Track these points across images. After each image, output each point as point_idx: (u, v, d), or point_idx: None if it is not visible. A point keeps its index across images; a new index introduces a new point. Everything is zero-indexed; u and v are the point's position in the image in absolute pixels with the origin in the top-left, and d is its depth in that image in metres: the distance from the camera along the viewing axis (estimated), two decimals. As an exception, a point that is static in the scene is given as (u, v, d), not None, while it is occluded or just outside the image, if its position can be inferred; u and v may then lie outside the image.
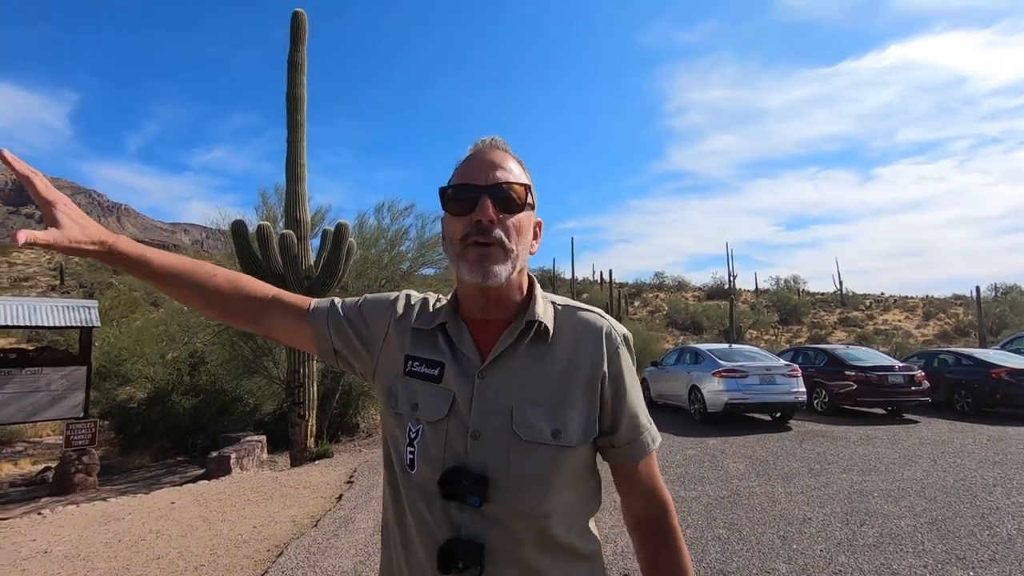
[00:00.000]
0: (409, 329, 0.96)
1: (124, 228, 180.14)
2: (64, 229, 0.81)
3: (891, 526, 4.38)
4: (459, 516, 0.82)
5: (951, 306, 43.29)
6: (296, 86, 8.96)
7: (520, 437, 0.83)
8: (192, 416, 11.36)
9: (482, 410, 0.85)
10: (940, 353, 12.12)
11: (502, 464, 0.83)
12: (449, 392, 0.87)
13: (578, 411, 0.87)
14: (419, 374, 0.90)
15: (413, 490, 0.87)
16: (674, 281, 52.78)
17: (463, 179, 0.88)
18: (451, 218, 0.88)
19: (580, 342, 0.91)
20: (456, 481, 0.81)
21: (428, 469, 0.85)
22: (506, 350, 0.88)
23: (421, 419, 0.87)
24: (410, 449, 0.87)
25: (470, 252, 0.85)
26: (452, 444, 0.84)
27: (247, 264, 8.34)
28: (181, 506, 5.70)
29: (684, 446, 7.78)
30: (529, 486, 0.82)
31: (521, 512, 0.82)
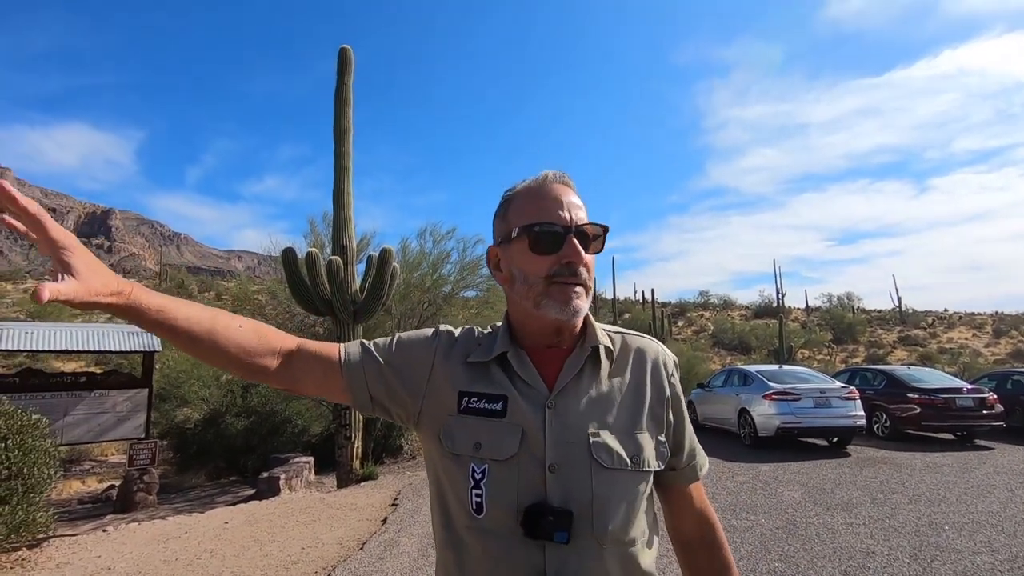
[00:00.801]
0: (461, 364, 0.92)
1: (183, 255, 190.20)
2: (82, 279, 0.69)
3: (965, 563, 4.07)
4: (544, 556, 0.79)
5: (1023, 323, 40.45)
6: (342, 119, 9.34)
7: (601, 464, 0.82)
8: (244, 437, 11.75)
9: (557, 441, 0.83)
10: (1014, 374, 11.31)
11: (585, 494, 0.81)
12: (517, 427, 0.84)
13: (649, 435, 0.88)
14: (479, 410, 0.87)
15: (482, 535, 0.82)
16: (719, 299, 51.44)
17: (546, 217, 0.87)
18: (533, 256, 0.87)
19: (640, 367, 0.93)
20: (541, 517, 0.78)
21: (501, 510, 0.81)
22: (573, 378, 0.88)
23: (486, 458, 0.83)
24: (476, 492, 0.83)
25: (557, 291, 0.86)
26: (527, 481, 0.81)
27: (296, 290, 8.65)
28: (234, 526, 5.87)
29: (735, 472, 7.49)
30: (615, 513, 0.81)
31: (612, 541, 0.81)
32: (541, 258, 0.87)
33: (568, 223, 0.86)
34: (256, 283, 21.44)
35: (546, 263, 0.86)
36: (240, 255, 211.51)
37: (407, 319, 11.86)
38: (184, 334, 0.82)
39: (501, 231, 0.92)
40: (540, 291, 0.87)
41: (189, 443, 12.00)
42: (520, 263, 0.89)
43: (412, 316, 11.76)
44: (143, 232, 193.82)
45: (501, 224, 0.93)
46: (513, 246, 0.89)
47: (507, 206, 0.92)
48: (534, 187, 0.90)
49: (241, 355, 0.87)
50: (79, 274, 0.69)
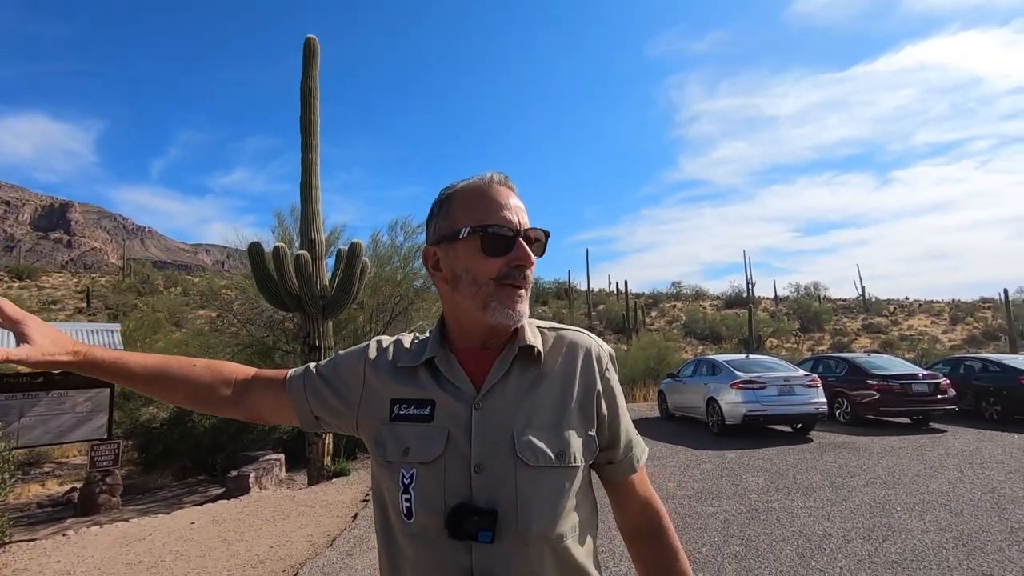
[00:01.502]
0: (390, 370, 0.94)
1: (148, 250, 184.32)
2: (36, 345, 0.85)
3: (915, 542, 4.27)
4: (470, 557, 0.79)
5: (979, 310, 42.18)
6: (309, 111, 9.16)
7: (525, 463, 0.82)
8: (212, 435, 11.52)
9: (483, 441, 0.83)
10: (966, 359, 11.82)
11: (510, 493, 0.81)
12: (443, 429, 0.85)
13: (577, 430, 0.88)
14: (408, 416, 0.88)
15: (412, 539, 0.83)
16: (691, 290, 52.31)
17: (496, 220, 0.87)
18: (484, 257, 0.87)
19: (570, 363, 0.92)
20: (465, 518, 0.78)
21: (428, 513, 0.82)
22: (501, 378, 0.88)
23: (413, 462, 0.84)
24: (405, 496, 0.83)
25: (506, 293, 0.86)
26: (452, 482, 0.82)
27: (264, 285, 8.50)
28: (200, 526, 5.77)
29: (701, 460, 7.67)
30: (540, 511, 0.81)
31: (537, 538, 0.81)
32: (492, 260, 0.87)
33: (517, 226, 0.87)
34: (224, 278, 20.99)
35: (496, 265, 0.87)
36: (208, 249, 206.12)
37: (378, 313, 11.77)
38: (141, 378, 0.95)
39: (442, 229, 0.91)
40: (489, 293, 0.87)
41: (155, 443, 11.72)
42: (468, 263, 0.88)
43: (383, 311, 11.67)
44: (105, 226, 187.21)
45: (442, 222, 0.91)
46: (460, 246, 0.88)
47: (448, 205, 0.91)
48: (480, 188, 0.90)
49: (197, 390, 0.97)
50: (34, 342, 0.85)
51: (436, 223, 0.93)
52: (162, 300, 36.42)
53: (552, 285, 45.74)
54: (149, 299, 37.32)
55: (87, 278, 52.85)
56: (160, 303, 34.57)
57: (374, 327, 11.86)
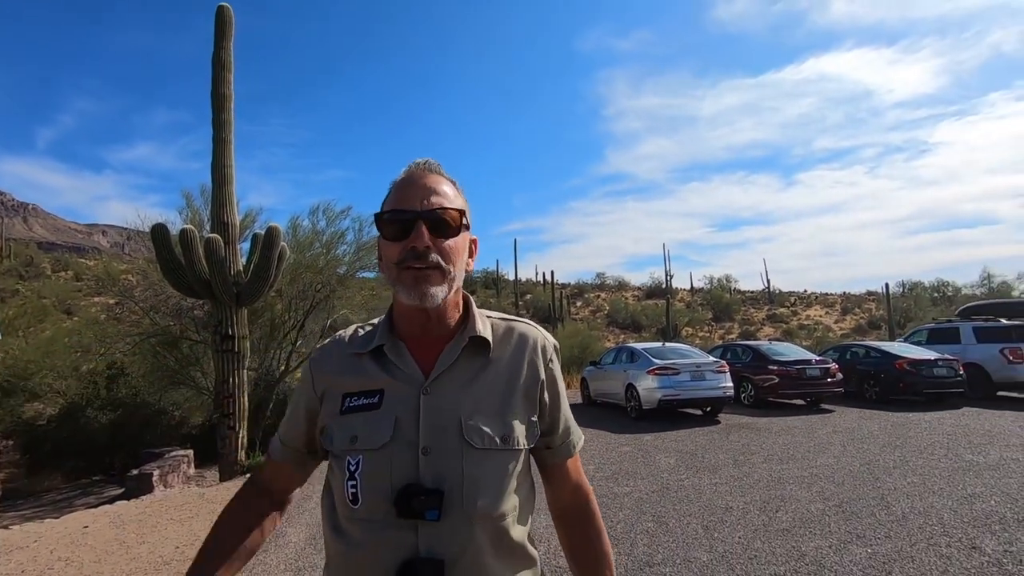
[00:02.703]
0: (339, 365, 0.96)
1: (32, 229, 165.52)
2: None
3: (803, 510, 4.71)
4: (416, 535, 0.82)
5: (865, 302, 46.73)
6: (222, 84, 8.57)
7: (472, 445, 0.86)
8: (110, 432, 10.61)
9: (431, 425, 0.86)
10: (852, 346, 13.09)
11: (456, 474, 0.84)
12: (391, 415, 0.87)
13: (521, 416, 0.93)
14: (357, 407, 0.90)
15: (358, 524, 0.86)
16: (614, 281, 54.17)
17: (398, 204, 0.89)
18: (387, 242, 0.90)
19: (517, 353, 0.97)
20: (412, 498, 0.81)
21: (375, 496, 0.84)
22: (450, 365, 0.91)
23: (360, 449, 0.86)
24: (351, 483, 0.85)
25: (407, 276, 0.88)
26: (399, 465, 0.84)
27: (169, 270, 7.91)
28: (95, 530, 5.34)
29: (619, 443, 8.03)
30: (485, 491, 0.85)
31: (481, 516, 0.84)
32: (393, 244, 0.89)
33: (418, 208, 0.88)
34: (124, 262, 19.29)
35: (396, 249, 0.89)
36: (105, 230, 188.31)
37: (298, 302, 11.30)
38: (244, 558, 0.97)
39: None
40: (395, 277, 0.90)
41: (41, 441, 10.63)
42: (383, 250, 0.92)
43: (304, 299, 11.22)
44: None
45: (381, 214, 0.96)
46: (380, 236, 0.93)
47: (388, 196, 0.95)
48: (399, 179, 0.94)
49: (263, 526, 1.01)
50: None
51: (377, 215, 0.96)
52: (50, 285, 32.94)
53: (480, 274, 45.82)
54: (34, 284, 33.62)
55: (-44, 260, 46.70)
56: (47, 289, 31.24)
57: (293, 315, 11.37)
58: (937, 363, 10.82)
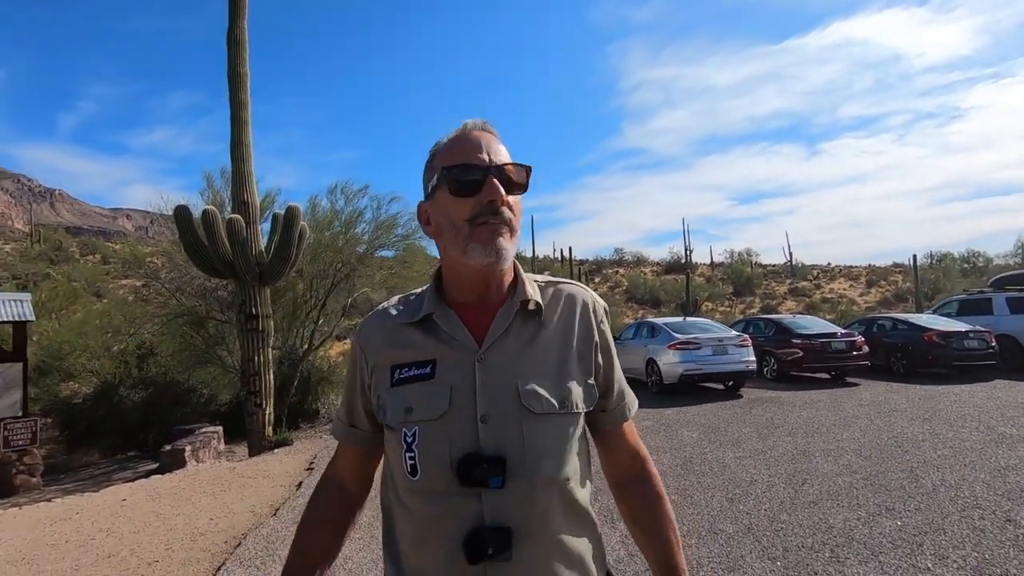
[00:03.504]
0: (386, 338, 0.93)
1: (59, 214, 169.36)
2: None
3: (829, 484, 4.66)
4: (480, 504, 0.81)
5: (891, 274, 45.66)
6: (238, 63, 8.55)
7: (531, 411, 0.85)
8: (143, 410, 10.96)
9: (488, 393, 0.85)
10: (879, 319, 12.82)
11: (516, 440, 0.83)
12: (446, 385, 0.86)
13: (577, 379, 0.91)
14: (409, 378, 0.88)
15: (419, 496, 0.85)
16: (633, 257, 53.70)
17: (464, 159, 0.86)
18: (453, 200, 0.86)
19: (569, 314, 0.95)
20: (475, 466, 0.80)
21: (435, 467, 0.83)
22: (503, 332, 0.89)
23: (416, 420, 0.85)
24: (409, 455, 0.84)
25: (482, 232, 0.85)
26: (458, 435, 0.83)
27: (193, 251, 8.02)
28: (133, 502, 5.53)
29: (641, 417, 8.02)
30: (547, 455, 0.84)
31: (544, 481, 0.84)
32: (463, 201, 0.86)
33: (487, 163, 0.86)
34: (149, 244, 19.66)
35: (468, 205, 0.85)
36: (129, 214, 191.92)
37: (319, 281, 11.41)
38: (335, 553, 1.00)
39: (427, 184, 0.92)
40: (466, 235, 0.86)
41: (78, 419, 11.03)
42: (444, 209, 0.88)
43: (324, 278, 11.33)
44: (6, 187, 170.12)
45: (427, 177, 0.92)
46: (437, 195, 0.89)
47: (431, 159, 0.92)
48: (455, 135, 0.91)
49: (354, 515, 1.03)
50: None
51: (425, 178, 0.93)
52: (79, 269, 33.81)
53: (498, 252, 45.67)
54: (64, 268, 34.51)
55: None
56: (77, 272, 32.08)
57: (314, 295, 11.50)
58: (968, 335, 10.55)
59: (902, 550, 3.35)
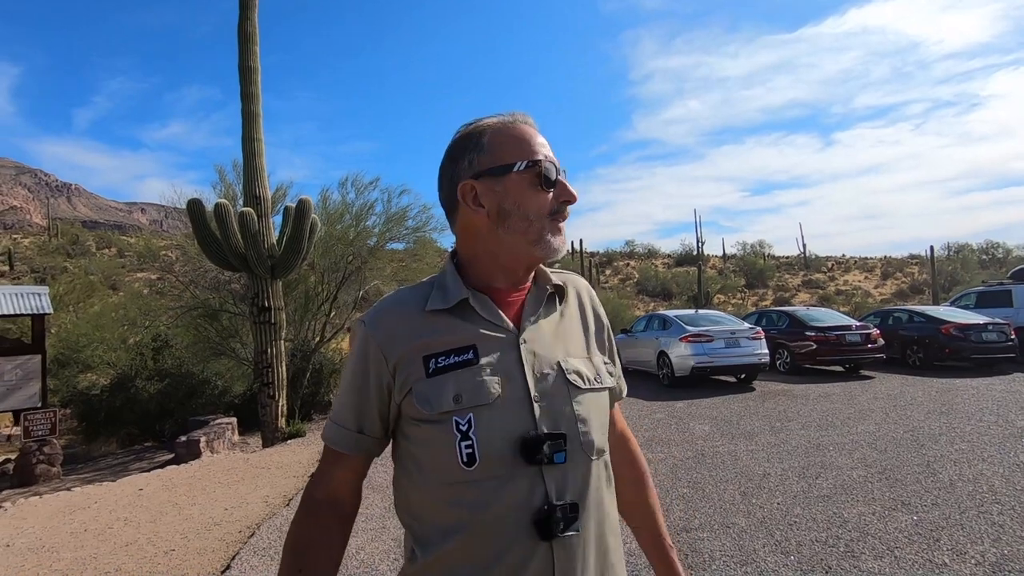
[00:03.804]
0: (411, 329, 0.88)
1: (76, 208, 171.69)
2: None
3: (844, 477, 4.61)
4: (542, 480, 0.82)
5: (907, 266, 44.99)
6: (248, 56, 8.56)
7: (577, 386, 0.89)
8: (159, 401, 11.12)
9: (536, 372, 0.87)
10: (895, 311, 12.63)
11: (568, 416, 0.86)
12: (495, 369, 0.85)
13: (598, 356, 0.98)
14: (449, 366, 0.85)
15: (474, 487, 0.81)
16: (644, 249, 53.37)
17: (545, 153, 0.89)
18: (534, 191, 0.88)
19: (579, 300, 1.02)
20: (538, 444, 0.81)
21: (496, 450, 0.81)
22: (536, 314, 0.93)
23: (469, 406, 0.82)
24: (466, 444, 0.81)
25: (556, 228, 0.90)
26: (516, 417, 0.83)
27: (206, 244, 8.09)
28: (150, 492, 5.62)
29: (652, 410, 7.99)
30: (594, 428, 0.89)
31: (596, 452, 0.88)
32: (545, 195, 0.89)
33: (558, 163, 0.90)
34: (163, 238, 19.88)
35: (547, 200, 0.89)
36: (144, 208, 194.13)
37: (330, 273, 11.47)
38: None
39: (483, 163, 0.89)
40: (542, 227, 0.88)
41: (96, 410, 11.21)
42: (520, 198, 0.88)
43: (336, 270, 11.37)
44: (24, 182, 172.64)
45: (481, 156, 0.89)
46: (512, 180, 0.88)
47: (482, 139, 0.90)
48: (517, 125, 0.91)
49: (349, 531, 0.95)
50: None
51: (471, 157, 0.90)
52: (95, 262, 34.30)
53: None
54: (80, 261, 35.05)
55: (7, 239, 48.96)
56: (93, 265, 32.55)
57: (326, 287, 11.57)
58: (987, 327, 10.37)
59: (918, 545, 3.31)
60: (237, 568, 3.60)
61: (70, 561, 3.88)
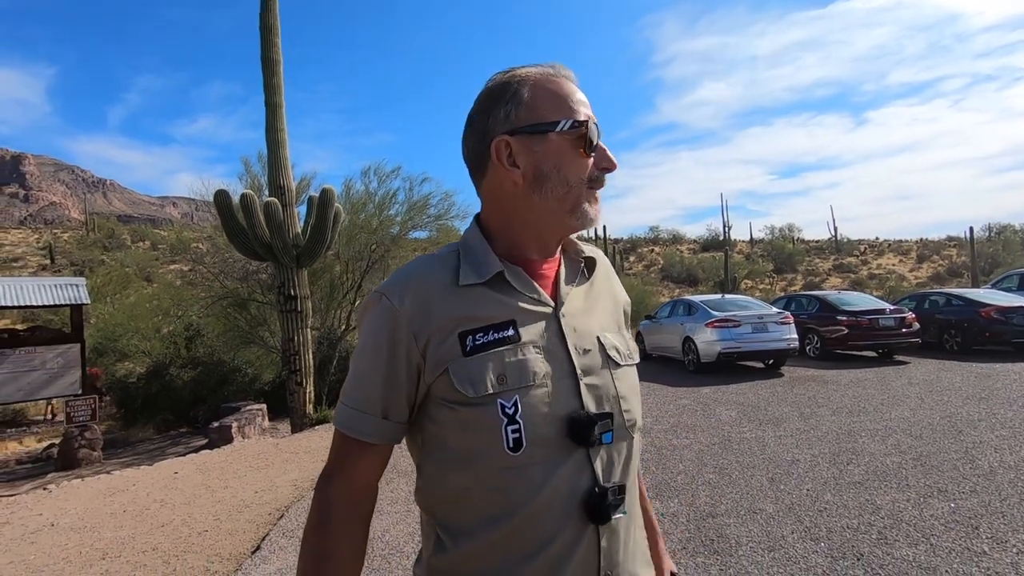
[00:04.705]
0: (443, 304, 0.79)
1: (111, 203, 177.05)
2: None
3: (876, 464, 4.49)
4: (588, 458, 0.78)
5: (945, 248, 43.43)
6: (270, 48, 8.63)
7: (616, 362, 0.85)
8: (192, 388, 11.46)
9: (578, 348, 0.82)
10: (931, 295, 12.19)
11: (611, 393, 0.82)
12: (537, 345, 0.79)
13: (627, 331, 0.96)
14: (489, 343, 0.77)
15: (519, 473, 0.75)
16: (669, 234, 52.64)
17: (588, 114, 0.81)
18: (576, 155, 0.80)
19: (607, 273, 0.97)
20: (587, 424, 0.76)
21: (544, 433, 0.76)
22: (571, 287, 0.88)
23: (515, 387, 0.76)
24: (513, 428, 0.74)
25: (594, 197, 0.83)
26: (563, 396, 0.78)
27: (233, 235, 8.24)
28: (184, 475, 5.80)
29: (678, 396, 7.90)
30: (632, 404, 0.86)
31: (637, 429, 0.86)
32: (586, 160, 0.81)
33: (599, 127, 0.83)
34: (193, 230, 20.35)
35: (587, 165, 0.81)
36: (175, 201, 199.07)
37: (355, 262, 11.59)
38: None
39: (521, 118, 0.79)
40: (580, 195, 0.80)
41: (133, 397, 11.63)
42: (561, 161, 0.79)
43: (360, 259, 11.49)
44: (63, 179, 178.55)
45: (519, 111, 0.79)
46: (552, 140, 0.79)
47: (521, 91, 0.80)
48: (560, 79, 0.82)
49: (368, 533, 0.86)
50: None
51: (508, 109, 0.80)
52: (130, 255, 35.38)
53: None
54: (116, 254, 36.18)
55: (48, 234, 50.82)
56: (128, 258, 33.58)
57: (351, 276, 11.70)
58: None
59: (956, 532, 3.20)
60: (267, 549, 3.69)
61: (110, 540, 4.03)
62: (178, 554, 3.70)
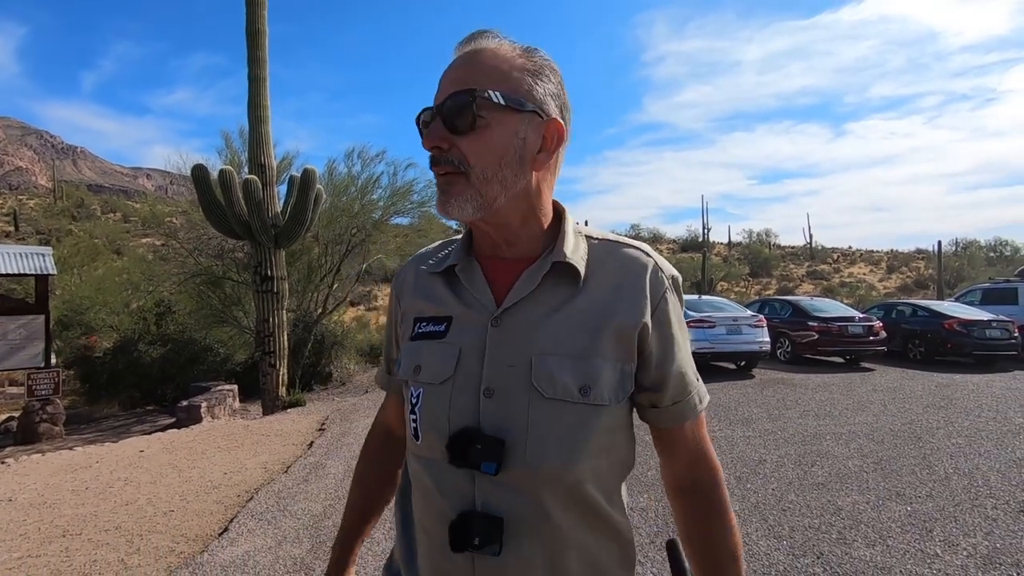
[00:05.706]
0: (415, 287, 0.86)
1: (81, 171, 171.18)
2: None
3: (839, 466, 4.63)
4: (473, 487, 0.72)
5: (914, 260, 44.71)
6: (255, 19, 8.42)
7: (542, 394, 0.71)
8: (160, 366, 11.22)
9: (497, 363, 0.73)
10: (898, 305, 12.58)
11: (520, 425, 0.71)
12: (455, 347, 0.76)
13: (611, 363, 0.74)
14: (425, 334, 0.79)
15: (421, 460, 0.77)
16: (649, 233, 53.12)
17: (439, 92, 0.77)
18: None
19: (620, 283, 0.77)
20: (467, 445, 0.70)
21: (433, 435, 0.74)
22: (529, 293, 0.75)
23: (422, 381, 0.76)
24: (413, 417, 0.77)
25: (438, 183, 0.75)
26: (460, 405, 0.73)
27: (210, 211, 8.05)
28: (150, 454, 5.69)
29: (651, 393, 8.01)
30: (554, 450, 0.70)
31: (548, 478, 0.71)
32: None
33: (439, 103, 0.72)
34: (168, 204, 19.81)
35: None
36: (149, 173, 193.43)
37: (334, 245, 11.44)
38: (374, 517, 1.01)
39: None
40: None
41: (98, 372, 11.33)
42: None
43: (339, 243, 11.35)
44: (30, 143, 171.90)
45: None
46: None
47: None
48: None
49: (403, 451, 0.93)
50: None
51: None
52: (100, 226, 34.35)
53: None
54: (85, 224, 35.06)
55: (13, 200, 48.97)
56: (98, 229, 32.58)
57: (329, 259, 11.55)
58: (990, 324, 10.33)
59: (911, 535, 3.33)
60: (235, 531, 3.65)
61: (71, 517, 3.94)
62: (142, 533, 3.63)
